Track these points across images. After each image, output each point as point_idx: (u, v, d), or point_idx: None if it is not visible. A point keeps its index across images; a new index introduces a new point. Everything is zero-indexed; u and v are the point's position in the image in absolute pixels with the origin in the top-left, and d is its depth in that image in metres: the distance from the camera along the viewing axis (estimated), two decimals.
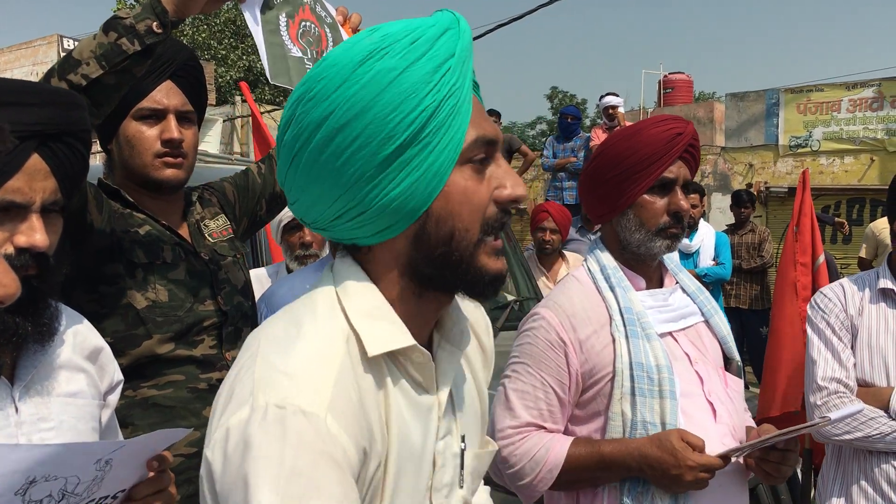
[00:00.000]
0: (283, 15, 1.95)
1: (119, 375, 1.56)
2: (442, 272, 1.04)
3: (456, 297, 1.13)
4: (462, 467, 1.15)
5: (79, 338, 1.46)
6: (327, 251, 3.67)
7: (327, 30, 2.08)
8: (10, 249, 1.24)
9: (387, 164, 0.97)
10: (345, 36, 2.13)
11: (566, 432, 1.93)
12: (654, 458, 1.74)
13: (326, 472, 0.89)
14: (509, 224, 1.12)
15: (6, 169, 1.22)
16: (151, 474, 1.37)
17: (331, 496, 0.88)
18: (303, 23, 2.00)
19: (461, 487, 1.15)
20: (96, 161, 3.83)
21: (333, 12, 2.14)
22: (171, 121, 2.01)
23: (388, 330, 1.02)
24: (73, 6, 78.17)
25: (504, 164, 1.07)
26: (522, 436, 1.88)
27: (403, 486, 1.03)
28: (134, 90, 1.89)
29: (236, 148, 17.22)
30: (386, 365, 1.03)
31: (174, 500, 1.40)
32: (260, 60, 1.95)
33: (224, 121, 17.30)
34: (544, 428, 1.89)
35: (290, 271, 3.53)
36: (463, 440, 1.16)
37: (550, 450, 1.84)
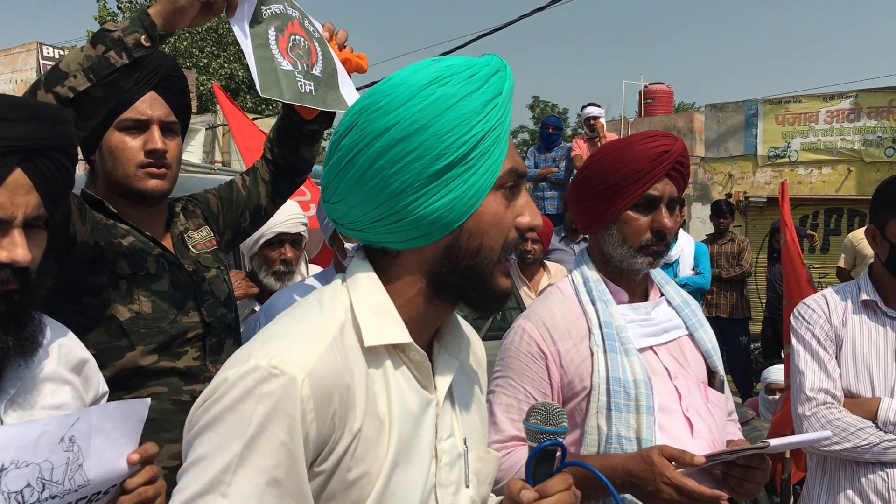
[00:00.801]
0: (273, 29, 1.94)
1: (104, 387, 1.56)
2: (462, 282, 1.16)
3: (455, 313, 1.26)
4: (467, 467, 1.25)
5: (63, 350, 1.46)
6: (304, 268, 3.62)
7: (316, 44, 2.07)
8: None
9: (435, 178, 1.10)
10: (332, 51, 2.13)
11: None
12: (637, 472, 1.72)
13: (290, 433, 1.00)
14: None
15: None
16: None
17: (282, 455, 1.00)
18: (292, 36, 1.99)
19: (467, 487, 1.24)
20: (79, 171, 3.80)
21: (321, 28, 2.14)
22: (155, 131, 2.00)
23: (387, 326, 1.14)
24: (52, 14, 77.61)
25: (526, 196, 1.20)
26: (508, 450, 1.87)
27: (408, 472, 1.12)
28: (117, 100, 1.88)
29: (217, 157, 17.14)
30: (389, 356, 1.15)
31: (165, 489, 1.40)
32: (242, 69, 1.94)
33: (206, 129, 17.21)
34: None
35: (264, 288, 3.45)
36: (465, 442, 1.25)
37: None
